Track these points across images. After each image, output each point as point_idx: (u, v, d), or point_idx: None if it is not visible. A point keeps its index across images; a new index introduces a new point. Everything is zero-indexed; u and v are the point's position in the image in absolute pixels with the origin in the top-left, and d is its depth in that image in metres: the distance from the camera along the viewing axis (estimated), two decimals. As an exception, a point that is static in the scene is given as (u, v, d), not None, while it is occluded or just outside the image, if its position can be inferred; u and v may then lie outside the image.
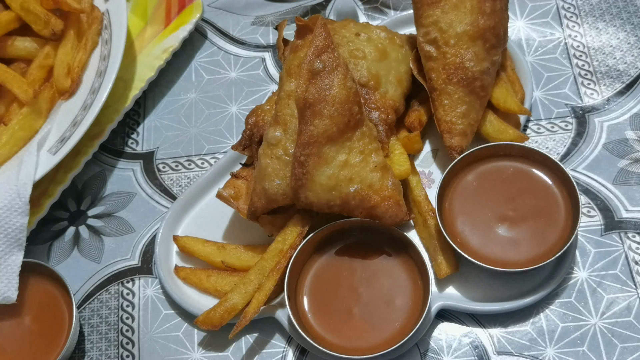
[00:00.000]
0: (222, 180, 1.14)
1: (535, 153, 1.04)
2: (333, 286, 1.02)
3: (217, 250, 1.08)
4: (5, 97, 1.19)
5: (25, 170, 1.11)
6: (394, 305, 0.99)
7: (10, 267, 1.05)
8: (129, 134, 1.27)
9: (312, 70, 0.98)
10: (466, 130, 1.07)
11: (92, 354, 1.08)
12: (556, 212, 1.01)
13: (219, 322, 0.99)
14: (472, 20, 1.06)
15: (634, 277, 1.03)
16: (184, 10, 1.32)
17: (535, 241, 1.00)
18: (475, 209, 1.03)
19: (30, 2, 1.16)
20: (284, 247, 1.01)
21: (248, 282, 1.00)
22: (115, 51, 1.20)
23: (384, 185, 0.99)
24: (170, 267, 1.11)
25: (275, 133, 1.02)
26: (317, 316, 1.00)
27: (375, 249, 1.03)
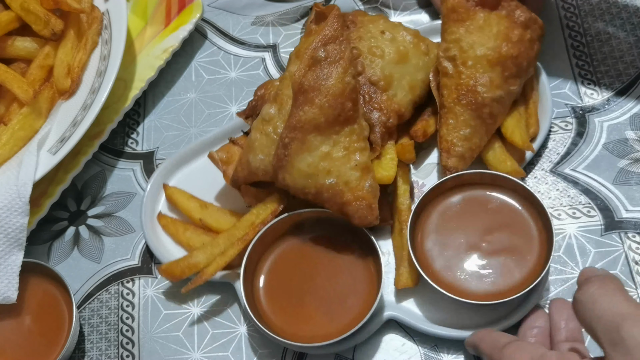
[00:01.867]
0: (222, 144, 1.16)
1: (524, 190, 1.00)
2: (293, 271, 1.03)
3: (199, 207, 1.11)
4: (5, 97, 1.19)
5: (25, 170, 1.11)
6: (346, 303, 0.99)
7: (10, 267, 1.05)
8: (129, 134, 1.27)
9: (314, 57, 0.98)
10: (465, 153, 1.05)
11: (92, 354, 1.08)
12: (530, 254, 0.98)
13: (179, 275, 1.04)
14: (495, 45, 1.04)
15: (634, 277, 1.03)
16: (184, 10, 1.32)
17: (500, 278, 0.97)
18: (450, 232, 1.01)
19: (30, 2, 1.16)
20: (256, 221, 1.03)
21: (215, 245, 1.03)
22: (115, 51, 1.20)
23: (360, 185, 0.99)
24: (155, 213, 1.14)
25: (270, 110, 1.04)
26: (269, 295, 1.02)
27: (344, 245, 1.03)
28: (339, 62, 0.98)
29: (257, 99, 1.11)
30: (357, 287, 1.00)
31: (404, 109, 1.08)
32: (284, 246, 1.05)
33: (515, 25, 1.05)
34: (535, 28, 1.08)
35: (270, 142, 1.02)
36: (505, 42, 1.04)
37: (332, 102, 0.97)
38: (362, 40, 1.09)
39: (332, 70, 0.97)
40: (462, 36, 1.05)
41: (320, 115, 0.97)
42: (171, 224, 1.12)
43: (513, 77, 1.05)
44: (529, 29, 1.06)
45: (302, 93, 0.98)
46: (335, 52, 0.98)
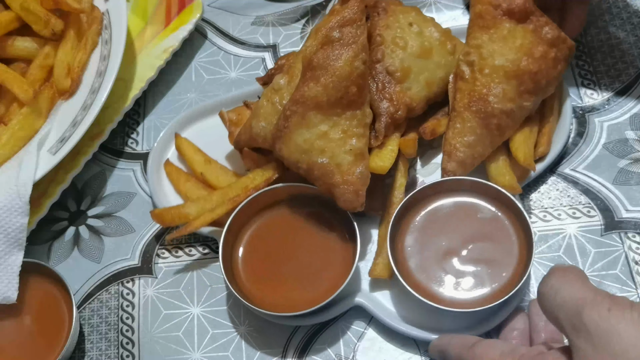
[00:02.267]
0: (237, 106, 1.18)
1: (515, 206, 0.99)
2: (274, 242, 1.05)
3: (203, 162, 1.15)
4: (5, 97, 1.19)
5: (25, 170, 1.11)
6: (318, 280, 1.01)
7: (10, 267, 1.05)
8: (129, 134, 1.27)
9: (329, 36, 0.98)
10: (466, 160, 1.04)
11: (92, 354, 1.08)
12: (506, 269, 0.97)
13: (169, 222, 1.08)
14: (515, 58, 1.02)
15: (634, 277, 1.03)
16: (184, 10, 1.32)
17: (470, 287, 0.97)
18: (433, 234, 1.01)
19: (30, 2, 1.16)
20: (250, 185, 1.06)
21: (208, 201, 1.07)
22: (115, 51, 1.20)
23: (351, 170, 0.99)
24: (162, 160, 1.18)
25: (280, 80, 1.06)
26: (247, 261, 1.05)
27: (328, 225, 1.05)
28: (351, 46, 0.98)
29: (276, 68, 1.13)
30: (333, 267, 1.02)
31: (416, 103, 1.08)
32: (269, 216, 1.07)
33: (541, 41, 1.03)
34: (562, 48, 1.05)
35: (274, 111, 1.04)
36: (526, 57, 1.02)
37: (337, 83, 0.97)
38: (389, 29, 1.09)
39: (343, 52, 0.98)
40: (484, 43, 1.04)
41: (324, 94, 0.98)
42: (174, 172, 1.16)
43: (528, 93, 1.03)
44: (555, 47, 1.04)
45: (310, 69, 0.99)
46: (349, 35, 0.98)
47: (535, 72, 1.02)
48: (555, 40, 1.03)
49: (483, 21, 1.04)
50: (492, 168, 1.05)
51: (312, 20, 1.34)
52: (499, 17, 1.03)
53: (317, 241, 1.05)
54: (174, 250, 1.14)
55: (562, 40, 1.04)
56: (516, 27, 1.03)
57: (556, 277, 0.77)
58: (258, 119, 1.06)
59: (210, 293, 1.09)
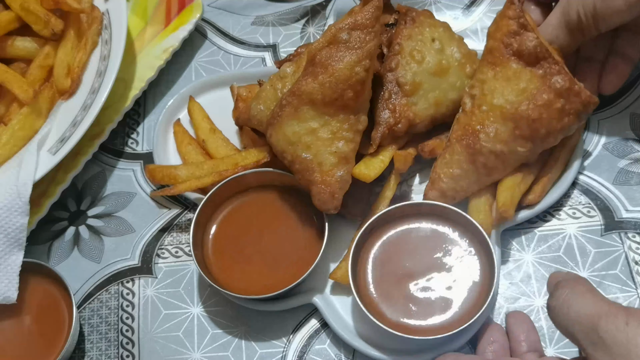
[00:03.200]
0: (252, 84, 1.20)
1: (482, 236, 0.97)
2: (246, 224, 1.07)
3: (207, 130, 1.18)
4: (5, 97, 1.19)
5: (25, 170, 1.11)
6: (283, 268, 1.03)
7: (10, 267, 1.05)
8: (129, 134, 1.27)
9: (337, 36, 0.98)
10: (447, 192, 1.02)
11: (92, 354, 1.08)
12: (465, 303, 0.96)
13: (159, 179, 1.12)
14: (515, 100, 0.98)
15: (634, 277, 1.03)
16: (184, 10, 1.32)
17: (420, 314, 0.96)
18: (398, 253, 1.01)
19: (30, 2, 1.16)
20: (240, 162, 1.09)
21: (199, 168, 1.10)
22: (115, 51, 1.20)
23: (332, 171, 1.00)
24: (173, 119, 1.22)
25: (287, 69, 1.07)
26: (217, 243, 1.07)
27: (306, 218, 1.06)
28: (356, 50, 0.97)
29: (294, 55, 1.13)
30: (300, 259, 1.02)
31: (419, 120, 1.06)
32: (247, 198, 1.10)
33: (548, 89, 0.98)
34: (574, 101, 0.98)
35: (274, 97, 1.05)
36: (527, 101, 0.98)
37: (334, 84, 0.97)
38: (410, 40, 1.07)
39: (346, 55, 0.97)
40: (488, 79, 1.01)
41: (319, 92, 0.98)
42: (180, 133, 1.19)
43: (523, 139, 0.99)
44: (562, 98, 0.98)
45: (311, 65, 0.99)
46: (357, 40, 0.97)
47: (534, 119, 0.98)
48: (564, 91, 0.98)
49: (492, 57, 1.01)
50: (473, 203, 1.03)
51: (312, 20, 1.34)
52: (507, 56, 1.00)
53: (290, 231, 1.06)
54: (174, 250, 1.14)
55: (575, 93, 0.98)
56: (523, 70, 0.99)
57: (567, 291, 0.76)
58: (258, 101, 1.07)
59: (210, 293, 1.09)
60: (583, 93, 0.99)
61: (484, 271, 0.98)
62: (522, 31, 0.99)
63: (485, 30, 1.26)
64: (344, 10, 1.33)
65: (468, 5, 1.31)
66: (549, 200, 1.05)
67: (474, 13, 1.30)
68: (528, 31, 0.98)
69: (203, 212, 1.06)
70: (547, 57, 0.98)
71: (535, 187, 1.04)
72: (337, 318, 1.03)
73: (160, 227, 1.16)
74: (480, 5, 1.31)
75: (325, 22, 1.33)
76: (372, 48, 0.98)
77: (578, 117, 1.00)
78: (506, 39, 0.99)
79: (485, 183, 1.03)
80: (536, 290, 1.04)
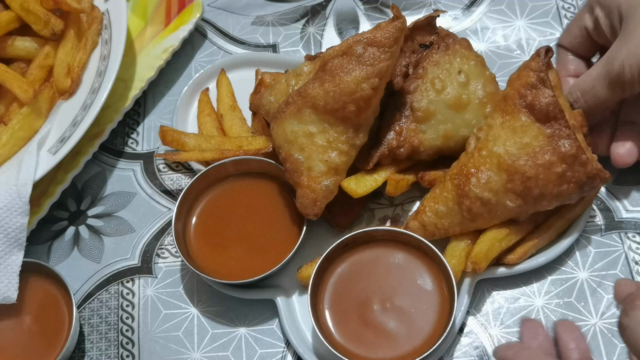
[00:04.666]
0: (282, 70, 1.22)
1: (451, 280, 0.96)
2: (228, 211, 1.10)
3: (228, 106, 1.20)
4: (5, 97, 1.19)
5: (25, 170, 1.11)
6: (262, 253, 1.05)
7: (10, 267, 1.05)
8: (129, 134, 1.27)
9: (352, 48, 0.97)
10: (429, 226, 1.00)
11: (92, 353, 1.08)
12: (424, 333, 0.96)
13: (168, 141, 1.16)
14: (515, 153, 0.95)
15: (634, 277, 1.03)
16: (184, 10, 1.32)
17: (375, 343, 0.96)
18: (362, 276, 1.01)
19: (30, 2, 1.16)
20: (243, 146, 1.11)
21: (207, 141, 1.14)
22: (115, 51, 1.20)
23: (319, 179, 1.00)
24: (201, 87, 1.25)
25: (305, 67, 1.08)
26: (200, 227, 1.09)
27: (291, 209, 1.07)
28: (367, 67, 0.96)
29: (320, 54, 1.13)
30: (277, 252, 1.04)
31: (424, 148, 1.03)
32: (231, 186, 1.12)
33: (552, 150, 0.93)
34: (577, 170, 0.94)
35: (285, 92, 1.06)
36: (527, 157, 0.94)
37: (337, 95, 0.97)
38: (436, 66, 1.04)
39: (356, 70, 0.96)
40: (495, 125, 0.98)
41: (322, 99, 0.98)
42: (204, 102, 1.23)
43: (514, 194, 0.95)
44: (565, 164, 0.93)
45: (322, 70, 0.99)
46: (371, 56, 0.96)
47: (529, 177, 0.94)
48: (569, 157, 0.93)
49: (505, 104, 0.98)
50: (451, 245, 1.01)
51: (312, 20, 1.34)
52: (519, 107, 0.96)
53: (272, 221, 1.08)
54: (174, 250, 1.14)
55: (581, 162, 0.93)
56: (532, 125, 0.95)
57: None
58: (270, 92, 1.08)
59: (210, 293, 1.09)
60: (590, 165, 0.93)
61: (443, 310, 0.97)
62: (540, 86, 0.95)
63: (485, 31, 1.26)
64: (345, 10, 1.33)
65: (468, 5, 1.31)
66: (531, 265, 1.02)
67: (474, 13, 1.30)
68: (546, 87, 0.94)
69: (185, 200, 1.08)
70: (559, 119, 0.94)
71: (518, 249, 1.01)
72: (290, 318, 1.04)
73: (160, 227, 1.16)
74: (480, 5, 1.31)
75: (326, 22, 1.33)
76: (384, 68, 0.96)
77: (580, 188, 0.95)
78: (523, 89, 0.96)
79: (468, 228, 1.00)
80: (536, 290, 1.04)
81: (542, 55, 0.96)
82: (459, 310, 0.99)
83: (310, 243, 1.08)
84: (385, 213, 1.11)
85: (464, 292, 1.00)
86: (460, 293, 1.00)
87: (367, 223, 1.11)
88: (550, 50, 0.96)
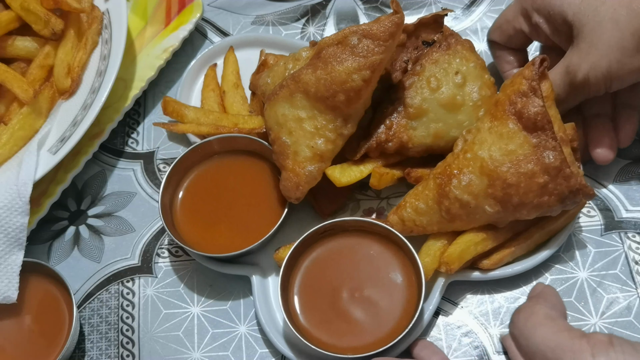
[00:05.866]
0: None
1: (417, 262, 0.97)
2: (215, 187, 1.11)
3: (232, 84, 1.22)
4: (5, 96, 1.19)
5: (26, 170, 1.11)
6: (249, 225, 1.07)
7: (11, 266, 1.05)
8: (129, 134, 1.27)
9: (347, 38, 0.97)
10: (407, 221, 1.01)
11: (92, 353, 1.08)
12: (388, 326, 0.96)
13: (169, 112, 1.18)
14: (499, 159, 0.94)
15: (634, 277, 1.03)
16: (184, 10, 1.32)
17: (341, 329, 0.97)
18: (336, 264, 1.02)
19: (30, 2, 1.16)
20: (238, 124, 1.14)
21: (205, 115, 1.16)
22: (115, 51, 1.20)
23: (303, 164, 1.01)
24: (209, 63, 1.28)
25: (303, 53, 1.09)
26: (186, 203, 1.11)
27: (276, 187, 1.08)
28: (359, 58, 0.96)
29: None
30: (259, 228, 1.06)
31: (412, 145, 1.03)
32: (217, 163, 1.13)
33: (535, 160, 0.93)
34: (560, 183, 0.93)
35: (282, 75, 1.07)
36: (510, 164, 0.93)
37: (328, 84, 0.97)
38: (434, 65, 1.03)
39: (348, 60, 0.96)
40: (483, 129, 0.97)
41: (313, 85, 0.98)
42: (209, 77, 1.25)
43: (494, 199, 0.95)
44: (548, 175, 0.92)
45: (316, 57, 0.99)
46: (365, 48, 0.96)
47: (509, 184, 0.93)
48: (552, 169, 0.92)
49: (495, 109, 0.97)
50: (428, 244, 1.01)
51: (312, 19, 1.34)
52: (507, 114, 0.95)
53: (258, 201, 1.09)
54: (174, 249, 1.14)
55: (565, 176, 0.92)
56: (519, 132, 0.94)
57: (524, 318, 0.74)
58: (268, 74, 1.10)
59: (210, 292, 1.10)
60: (574, 179, 0.92)
61: (410, 305, 0.97)
62: (531, 94, 0.94)
63: (485, 30, 1.26)
64: (345, 10, 1.33)
65: (468, 5, 1.31)
66: (506, 272, 1.01)
67: (474, 13, 1.30)
68: (536, 97, 0.93)
69: (172, 175, 1.10)
70: (547, 130, 0.92)
71: (494, 255, 1.00)
72: (263, 300, 1.05)
73: (161, 226, 1.16)
74: (480, 5, 1.31)
75: (326, 21, 1.33)
76: (376, 61, 0.96)
77: (561, 201, 0.94)
78: (513, 96, 0.95)
79: (445, 228, 1.00)
80: (536, 290, 1.04)
81: (537, 64, 0.95)
82: (429, 307, 1.00)
83: (294, 226, 1.09)
84: (370, 205, 1.12)
85: (435, 290, 1.01)
86: (432, 291, 1.01)
87: (352, 213, 1.12)
88: (546, 59, 0.96)
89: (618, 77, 0.96)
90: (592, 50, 0.96)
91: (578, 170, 0.96)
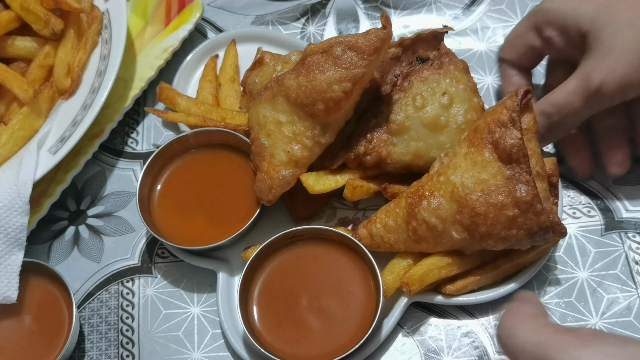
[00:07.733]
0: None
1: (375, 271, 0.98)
2: (192, 181, 1.12)
3: (229, 77, 1.23)
4: (5, 96, 1.19)
5: (25, 170, 1.11)
6: (223, 220, 1.08)
7: (10, 267, 1.05)
8: (129, 134, 1.26)
9: (332, 48, 0.97)
10: (375, 237, 1.00)
11: (92, 353, 1.08)
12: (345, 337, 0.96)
13: (163, 99, 1.19)
14: (470, 186, 0.93)
15: (634, 277, 1.03)
16: (184, 10, 1.32)
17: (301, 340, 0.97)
18: (294, 272, 1.02)
19: (30, 2, 1.16)
20: (226, 119, 1.14)
21: (197, 106, 1.17)
22: (115, 51, 1.20)
23: (278, 168, 1.01)
24: (211, 54, 1.28)
25: (292, 57, 1.10)
26: (163, 197, 1.12)
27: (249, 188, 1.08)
28: (341, 69, 0.96)
29: None
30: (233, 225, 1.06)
31: (391, 161, 1.02)
32: (194, 157, 1.14)
33: (507, 193, 0.91)
34: (530, 218, 0.91)
35: (270, 76, 1.09)
36: (481, 193, 0.92)
37: (308, 91, 0.98)
38: (422, 83, 1.02)
39: (330, 70, 0.97)
40: (459, 154, 0.96)
41: (294, 91, 0.99)
42: (209, 68, 1.25)
43: (461, 226, 0.94)
44: (518, 209, 0.91)
45: (301, 63, 1.00)
46: (348, 60, 0.96)
47: (478, 213, 0.92)
48: (523, 203, 0.90)
49: (474, 135, 0.96)
50: (393, 262, 1.01)
51: (312, 19, 1.34)
52: (486, 142, 0.94)
53: (234, 196, 1.09)
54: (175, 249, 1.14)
55: (536, 211, 0.90)
56: (493, 162, 0.92)
57: (508, 319, 0.74)
58: (257, 73, 1.11)
59: (210, 292, 1.10)
60: (544, 216, 0.91)
61: (367, 319, 0.97)
62: (510, 125, 0.92)
63: (485, 30, 1.26)
64: (345, 9, 1.33)
65: (468, 5, 1.31)
66: (469, 300, 1.00)
67: (474, 13, 1.30)
68: (515, 128, 0.91)
69: (150, 169, 1.12)
70: (522, 163, 0.91)
71: (458, 281, 0.99)
72: (227, 297, 1.06)
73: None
74: (480, 5, 1.31)
75: (326, 21, 1.33)
76: (358, 74, 0.95)
77: (530, 236, 0.92)
78: (493, 125, 0.93)
79: (412, 248, 0.99)
80: (536, 290, 1.04)
81: (520, 95, 0.93)
82: (387, 324, 1.00)
83: (269, 226, 1.10)
84: (346, 214, 1.12)
85: (396, 309, 1.00)
86: (392, 309, 1.00)
87: (328, 220, 1.12)
88: (530, 92, 0.95)
89: (635, 83, 0.95)
90: (608, 56, 0.95)
91: (552, 207, 0.95)
